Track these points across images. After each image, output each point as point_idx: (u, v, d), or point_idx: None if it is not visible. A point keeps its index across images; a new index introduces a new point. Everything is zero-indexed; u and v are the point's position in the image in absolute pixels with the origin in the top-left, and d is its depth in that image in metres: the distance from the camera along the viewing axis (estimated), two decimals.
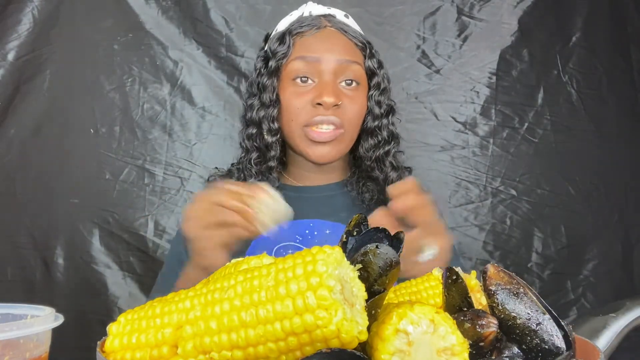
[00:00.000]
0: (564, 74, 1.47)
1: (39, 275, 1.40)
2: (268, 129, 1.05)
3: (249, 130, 1.08)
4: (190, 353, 0.45)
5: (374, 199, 1.09)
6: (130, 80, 1.45)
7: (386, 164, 1.09)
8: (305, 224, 1.06)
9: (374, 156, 1.08)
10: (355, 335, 0.41)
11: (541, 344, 0.47)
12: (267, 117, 1.05)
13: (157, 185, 1.45)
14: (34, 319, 0.56)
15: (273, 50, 1.05)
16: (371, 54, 1.08)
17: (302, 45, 1.04)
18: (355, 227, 0.60)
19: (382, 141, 1.09)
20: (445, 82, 1.48)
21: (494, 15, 1.48)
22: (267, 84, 1.05)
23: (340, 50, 1.04)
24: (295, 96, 1.02)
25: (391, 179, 1.07)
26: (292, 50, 1.04)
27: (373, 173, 1.09)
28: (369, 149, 1.09)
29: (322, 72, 1.01)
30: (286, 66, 1.04)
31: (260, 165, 1.08)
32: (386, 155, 1.09)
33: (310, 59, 1.01)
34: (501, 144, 1.48)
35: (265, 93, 1.05)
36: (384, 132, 1.09)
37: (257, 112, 1.06)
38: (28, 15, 1.37)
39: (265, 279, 0.44)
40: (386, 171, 1.08)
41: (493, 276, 0.51)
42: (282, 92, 1.05)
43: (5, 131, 1.37)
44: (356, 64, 1.04)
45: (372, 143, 1.08)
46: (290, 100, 1.03)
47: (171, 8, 1.45)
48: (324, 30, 1.06)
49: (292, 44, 1.04)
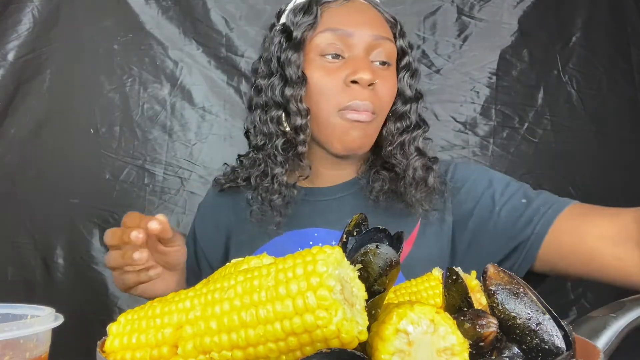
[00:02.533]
0: (564, 74, 1.47)
1: (39, 275, 1.40)
2: (297, 109, 0.90)
3: (272, 113, 0.93)
4: (190, 353, 0.45)
5: (384, 189, 0.96)
6: (130, 80, 1.45)
7: (411, 149, 0.95)
8: (309, 233, 0.98)
9: (398, 140, 0.95)
10: (355, 335, 0.41)
11: (541, 344, 0.47)
12: (295, 97, 0.90)
13: (157, 185, 1.45)
14: (34, 319, 0.56)
15: (296, 22, 0.91)
16: (402, 32, 0.97)
17: (331, 16, 0.91)
18: (355, 227, 0.60)
19: (410, 126, 0.96)
20: (445, 82, 1.48)
21: (494, 15, 1.48)
22: (293, 58, 0.90)
23: (374, 24, 0.92)
24: (324, 73, 0.89)
25: (415, 166, 0.94)
26: (319, 22, 0.91)
27: (393, 159, 0.95)
28: (394, 133, 0.95)
29: (354, 47, 0.90)
30: (312, 39, 0.90)
31: (287, 152, 0.93)
32: (413, 140, 0.95)
33: (342, 32, 0.89)
34: (501, 144, 1.48)
35: (289, 68, 0.90)
36: (413, 117, 0.96)
37: (280, 90, 0.91)
38: (28, 15, 1.37)
39: (265, 279, 0.44)
40: (410, 157, 0.94)
41: (493, 276, 0.51)
42: (308, 69, 0.90)
43: (5, 131, 1.37)
44: (389, 41, 0.93)
45: (399, 127, 0.95)
46: (320, 79, 0.89)
47: (171, 8, 1.45)
48: (354, 1, 0.94)
49: (320, 14, 0.91)
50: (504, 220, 0.90)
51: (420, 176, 0.93)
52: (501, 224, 0.90)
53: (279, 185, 0.93)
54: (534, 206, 0.88)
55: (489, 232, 0.92)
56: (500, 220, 0.90)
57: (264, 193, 0.95)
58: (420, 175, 0.93)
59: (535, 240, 0.85)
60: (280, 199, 0.94)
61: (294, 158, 0.93)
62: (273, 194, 0.94)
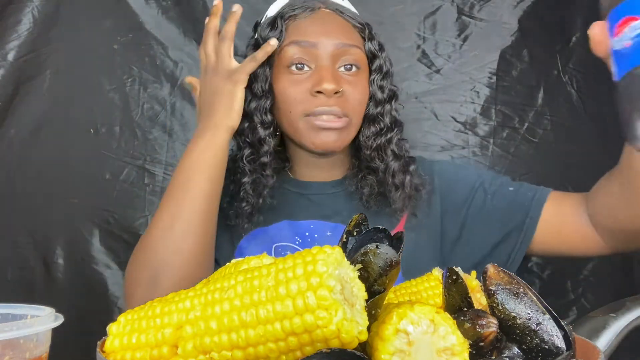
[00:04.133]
0: (564, 74, 1.47)
1: (39, 275, 1.40)
2: (261, 121, 0.96)
3: (240, 125, 0.98)
4: (190, 353, 0.45)
5: (373, 193, 1.01)
6: (130, 80, 1.45)
7: (387, 153, 0.99)
8: (305, 225, 1.02)
9: (374, 144, 0.99)
10: (356, 335, 0.41)
11: (541, 344, 0.47)
12: (260, 109, 0.96)
13: (157, 185, 1.45)
14: (34, 319, 0.56)
15: (264, 37, 0.97)
16: (371, 36, 1.00)
17: (296, 29, 0.96)
18: (355, 227, 0.60)
19: (384, 128, 1.00)
20: (445, 82, 1.48)
21: (494, 15, 1.48)
22: (259, 72, 0.96)
23: (338, 33, 0.96)
24: (291, 85, 0.94)
25: (392, 169, 0.99)
26: (285, 36, 0.96)
27: (373, 163, 1.00)
28: (369, 137, 1.00)
29: (319, 58, 0.94)
30: (279, 53, 0.95)
31: (253, 163, 0.98)
32: (388, 143, 0.99)
33: (305, 44, 0.94)
34: (501, 144, 1.48)
35: (257, 83, 0.96)
36: (387, 119, 1.00)
37: (248, 104, 0.97)
38: (28, 15, 1.36)
39: (265, 279, 0.44)
40: (387, 160, 0.99)
41: (493, 276, 0.51)
42: (275, 82, 0.96)
43: (5, 131, 1.37)
44: (355, 47, 0.96)
45: (373, 130, 1.00)
46: (286, 90, 0.95)
47: (171, 8, 1.45)
48: (318, 12, 0.98)
49: (285, 28, 0.96)
50: (496, 206, 0.99)
51: (400, 180, 0.98)
52: (494, 210, 0.99)
53: (245, 193, 0.97)
54: (522, 192, 0.99)
55: (483, 218, 1.00)
56: (493, 206, 0.99)
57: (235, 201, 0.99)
58: (400, 179, 0.98)
59: (530, 224, 0.95)
60: (248, 207, 0.98)
61: (258, 169, 0.98)
62: (241, 202, 0.98)
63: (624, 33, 0.50)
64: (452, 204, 1.03)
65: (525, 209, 0.96)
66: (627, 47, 0.49)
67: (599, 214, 0.90)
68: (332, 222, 1.02)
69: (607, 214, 0.88)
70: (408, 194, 0.99)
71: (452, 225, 1.02)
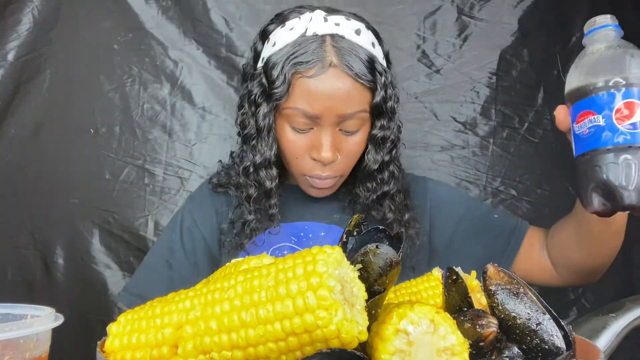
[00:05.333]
0: (564, 74, 1.46)
1: (39, 275, 1.40)
2: (267, 176, 0.99)
3: (245, 163, 1.00)
4: (190, 353, 0.45)
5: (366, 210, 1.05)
6: (130, 80, 1.45)
7: (384, 205, 1.03)
8: (299, 226, 1.05)
9: (370, 198, 1.03)
10: (356, 335, 0.41)
11: (541, 344, 0.47)
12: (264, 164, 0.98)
13: (157, 185, 1.45)
14: (34, 319, 0.56)
15: (270, 85, 0.94)
16: (382, 85, 0.95)
17: (303, 91, 0.92)
18: (355, 227, 0.60)
19: (380, 182, 1.02)
20: (445, 82, 1.48)
21: (494, 15, 1.47)
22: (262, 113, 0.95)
23: (344, 103, 0.92)
24: (292, 144, 0.96)
25: (388, 219, 1.02)
26: (291, 91, 0.92)
27: (370, 212, 1.03)
28: (368, 190, 1.03)
29: (321, 124, 0.94)
30: (284, 108, 0.94)
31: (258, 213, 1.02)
32: (383, 196, 1.03)
33: (311, 115, 0.92)
34: (501, 144, 1.48)
35: (259, 121, 0.96)
36: (385, 174, 1.02)
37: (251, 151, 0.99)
38: (28, 15, 1.36)
39: (265, 279, 0.44)
40: (384, 211, 1.03)
41: (493, 276, 0.51)
42: (278, 129, 0.97)
43: (5, 131, 1.37)
44: (359, 113, 0.94)
45: (369, 186, 1.03)
46: (286, 145, 0.97)
47: (171, 8, 1.45)
48: (327, 72, 0.91)
49: (292, 85, 0.92)
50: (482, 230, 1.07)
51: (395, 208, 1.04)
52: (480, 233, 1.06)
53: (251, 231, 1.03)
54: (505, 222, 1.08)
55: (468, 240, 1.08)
56: (479, 229, 1.07)
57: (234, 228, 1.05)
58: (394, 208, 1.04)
59: (511, 252, 1.04)
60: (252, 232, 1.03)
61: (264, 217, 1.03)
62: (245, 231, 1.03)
63: (583, 122, 0.67)
64: (441, 222, 1.09)
65: (507, 238, 1.05)
66: (585, 134, 0.66)
67: (555, 252, 1.01)
68: (325, 224, 1.05)
69: (562, 253, 1.00)
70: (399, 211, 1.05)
71: (438, 241, 1.09)
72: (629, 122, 0.62)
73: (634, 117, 0.62)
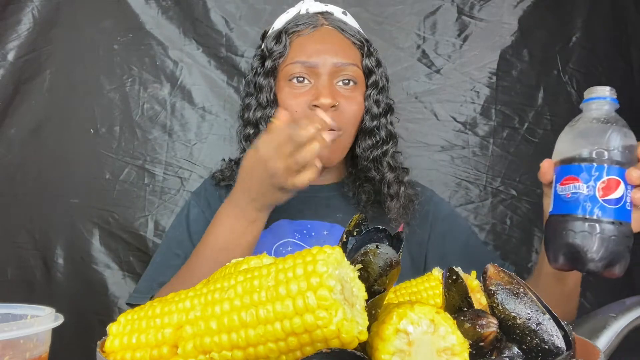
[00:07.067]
0: (564, 74, 1.47)
1: (39, 275, 1.40)
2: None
3: (247, 131, 1.07)
4: (190, 353, 0.45)
5: (370, 200, 1.08)
6: (130, 80, 1.45)
7: (383, 165, 1.08)
8: (303, 224, 1.07)
9: (371, 156, 1.07)
10: (356, 335, 0.41)
11: (541, 344, 0.47)
12: (265, 119, 1.04)
13: (157, 185, 1.45)
14: (34, 319, 0.56)
15: (269, 50, 1.05)
16: (369, 52, 1.07)
17: (299, 46, 1.03)
18: (355, 227, 0.60)
19: (380, 141, 1.07)
20: (445, 82, 1.48)
21: (494, 15, 1.47)
22: (264, 84, 1.04)
23: (337, 51, 1.03)
24: (291, 97, 1.02)
25: (388, 180, 1.06)
26: (288, 50, 1.03)
27: (369, 173, 1.08)
28: (366, 149, 1.07)
29: (318, 74, 1.01)
30: (283, 67, 1.03)
31: None
32: (384, 155, 1.08)
33: (307, 63, 1.01)
34: (501, 144, 1.48)
35: (262, 93, 1.04)
36: (382, 132, 1.07)
37: (254, 112, 1.06)
38: (28, 15, 1.36)
39: (265, 279, 0.44)
40: (383, 171, 1.07)
41: (493, 276, 0.51)
42: (279, 92, 1.04)
43: (5, 131, 1.37)
44: (353, 65, 1.03)
45: (369, 143, 1.07)
46: (286, 101, 1.02)
47: (171, 8, 1.45)
48: (320, 29, 1.05)
49: (289, 43, 1.04)
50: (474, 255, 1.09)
51: (395, 190, 1.07)
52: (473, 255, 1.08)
53: None
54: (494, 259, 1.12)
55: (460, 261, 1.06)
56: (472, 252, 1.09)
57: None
58: (395, 190, 1.07)
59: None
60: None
61: None
62: None
63: (567, 186, 0.71)
64: (438, 236, 1.12)
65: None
66: (567, 197, 0.70)
67: None
68: (328, 222, 1.07)
69: None
70: (402, 204, 1.06)
71: (433, 252, 1.11)
72: (609, 198, 0.67)
73: (614, 193, 0.68)
